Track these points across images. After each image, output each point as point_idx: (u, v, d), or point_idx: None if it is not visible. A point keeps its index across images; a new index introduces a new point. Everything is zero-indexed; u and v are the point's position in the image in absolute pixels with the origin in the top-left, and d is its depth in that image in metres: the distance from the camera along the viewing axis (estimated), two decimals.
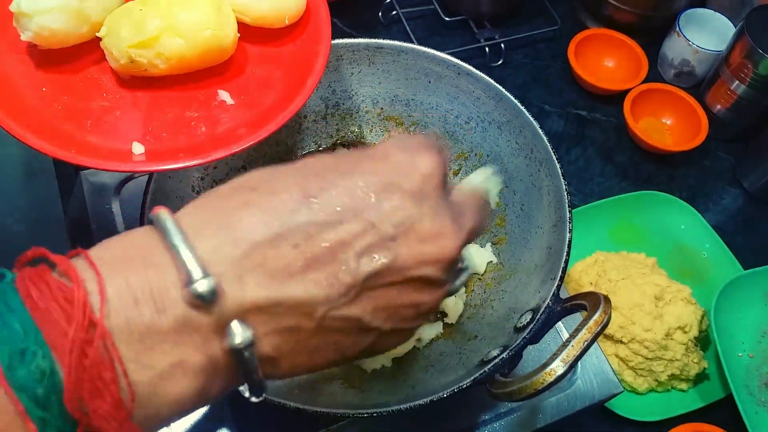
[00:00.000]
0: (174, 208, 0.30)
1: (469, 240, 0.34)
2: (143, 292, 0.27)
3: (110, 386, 0.26)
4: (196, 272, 0.28)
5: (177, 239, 0.28)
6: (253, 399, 0.32)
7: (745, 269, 0.82)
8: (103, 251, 0.29)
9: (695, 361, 0.74)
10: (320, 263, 0.29)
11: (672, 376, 0.74)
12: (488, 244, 0.62)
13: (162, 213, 0.30)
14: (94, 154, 0.45)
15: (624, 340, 0.73)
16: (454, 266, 0.33)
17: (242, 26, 0.53)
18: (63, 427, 0.25)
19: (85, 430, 0.26)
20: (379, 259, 0.30)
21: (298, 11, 0.53)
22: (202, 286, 0.27)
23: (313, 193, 0.30)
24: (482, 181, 0.38)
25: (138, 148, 0.47)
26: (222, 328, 0.28)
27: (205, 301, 0.28)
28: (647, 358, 0.72)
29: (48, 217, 0.92)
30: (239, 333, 0.28)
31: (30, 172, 1.01)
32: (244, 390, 0.32)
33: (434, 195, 0.32)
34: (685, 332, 0.73)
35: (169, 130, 0.49)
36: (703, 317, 0.76)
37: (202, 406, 0.31)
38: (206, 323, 0.28)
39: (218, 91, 0.52)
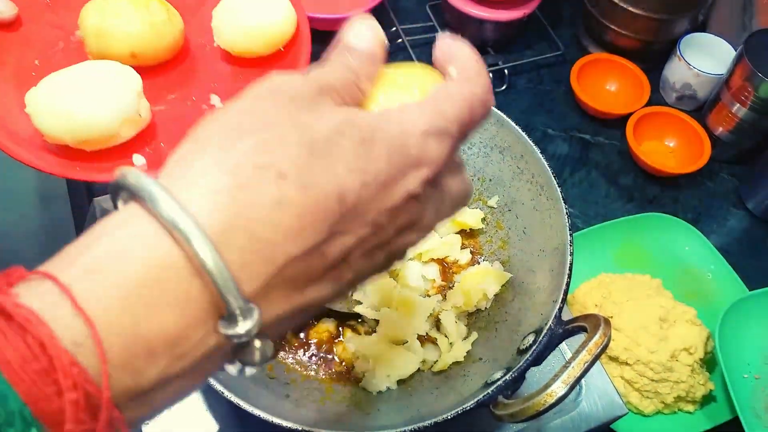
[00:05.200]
0: None
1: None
2: (160, 341, 0.23)
3: None
4: (236, 306, 0.24)
5: (211, 259, 0.23)
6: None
7: (750, 290, 0.82)
8: (94, 280, 0.23)
9: (701, 382, 0.74)
10: (335, 266, 0.28)
11: (678, 398, 0.74)
12: (497, 262, 0.63)
13: (174, 208, 0.23)
14: (98, 169, 0.49)
15: (629, 361, 0.73)
16: None
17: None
18: None
19: None
20: (375, 259, 0.30)
21: (286, 38, 0.58)
22: (246, 325, 0.24)
23: (349, 198, 0.27)
24: None
25: (139, 160, 0.50)
26: (241, 350, 0.26)
27: (239, 339, 0.25)
28: (653, 380, 0.73)
29: (61, 243, 0.94)
30: (259, 350, 0.26)
31: (44, 198, 1.03)
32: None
33: (432, 192, 0.31)
34: (691, 354, 0.74)
35: (166, 141, 0.53)
36: (708, 338, 0.76)
37: None
38: (226, 350, 0.26)
39: (210, 95, 0.56)
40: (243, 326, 0.24)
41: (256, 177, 0.25)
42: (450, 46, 0.34)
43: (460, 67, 0.33)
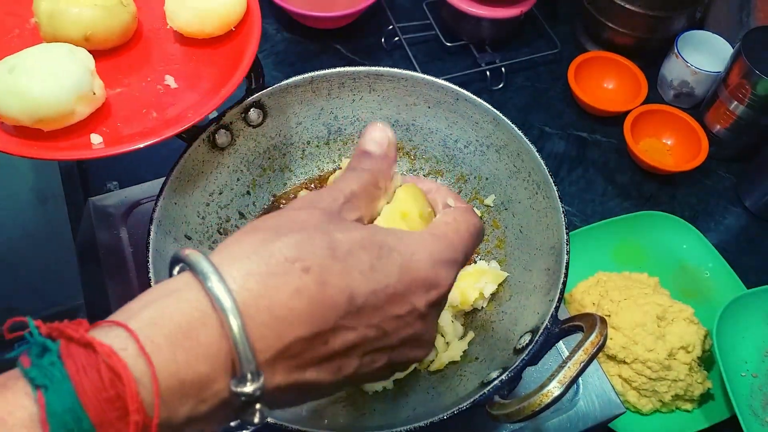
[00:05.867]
0: (179, 233, 0.30)
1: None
2: (192, 385, 0.28)
3: None
4: (248, 369, 0.29)
5: (237, 330, 0.29)
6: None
7: (747, 288, 0.82)
8: (153, 329, 0.28)
9: (699, 381, 0.74)
10: (336, 357, 0.33)
11: (676, 397, 0.74)
12: (493, 261, 0.63)
13: (219, 285, 0.29)
14: (56, 148, 0.50)
15: (627, 360, 0.73)
16: None
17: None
18: None
19: None
20: (377, 362, 0.35)
21: (237, 18, 0.58)
22: (252, 386, 0.29)
23: (358, 300, 0.32)
24: None
25: (96, 139, 0.51)
26: (245, 408, 0.31)
27: (246, 397, 0.29)
28: (650, 379, 0.73)
29: (58, 242, 0.93)
30: (260, 414, 0.31)
31: (41, 198, 1.03)
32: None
33: (435, 313, 0.37)
34: (688, 352, 0.73)
35: (123, 120, 0.54)
36: (706, 337, 0.76)
37: None
38: (234, 407, 0.30)
39: (165, 76, 0.57)
40: (250, 387, 0.29)
41: (284, 268, 0.31)
42: (436, 184, 0.43)
43: (454, 199, 0.42)
